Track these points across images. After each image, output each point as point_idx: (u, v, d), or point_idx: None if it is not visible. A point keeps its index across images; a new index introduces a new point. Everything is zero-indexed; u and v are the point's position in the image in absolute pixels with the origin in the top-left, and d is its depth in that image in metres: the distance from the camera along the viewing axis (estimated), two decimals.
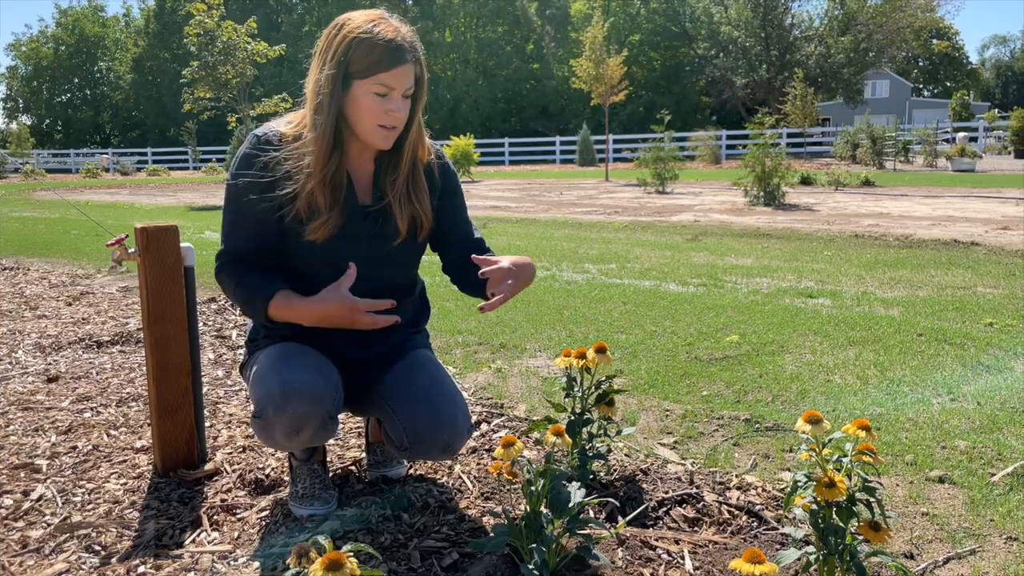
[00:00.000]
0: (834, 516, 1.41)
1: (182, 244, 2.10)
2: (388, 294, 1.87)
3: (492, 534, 1.58)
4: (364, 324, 1.70)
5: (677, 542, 1.74)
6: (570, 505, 1.55)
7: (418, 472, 2.14)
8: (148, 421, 2.55)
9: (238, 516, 1.91)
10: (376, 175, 1.83)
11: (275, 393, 1.69)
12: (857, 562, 1.39)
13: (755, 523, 1.83)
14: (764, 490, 2.01)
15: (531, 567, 1.50)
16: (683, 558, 1.68)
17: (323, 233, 1.76)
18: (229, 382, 3.06)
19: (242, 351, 3.50)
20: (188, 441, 2.16)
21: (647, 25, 47.02)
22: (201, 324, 3.97)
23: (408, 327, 1.99)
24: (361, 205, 1.81)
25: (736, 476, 2.10)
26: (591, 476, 2.01)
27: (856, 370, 3.04)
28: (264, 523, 1.87)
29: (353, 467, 2.20)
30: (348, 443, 2.40)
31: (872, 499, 1.40)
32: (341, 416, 2.29)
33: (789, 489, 1.43)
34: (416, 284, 2.02)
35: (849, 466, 1.41)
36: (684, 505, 1.92)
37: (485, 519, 1.86)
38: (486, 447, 2.34)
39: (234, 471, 2.18)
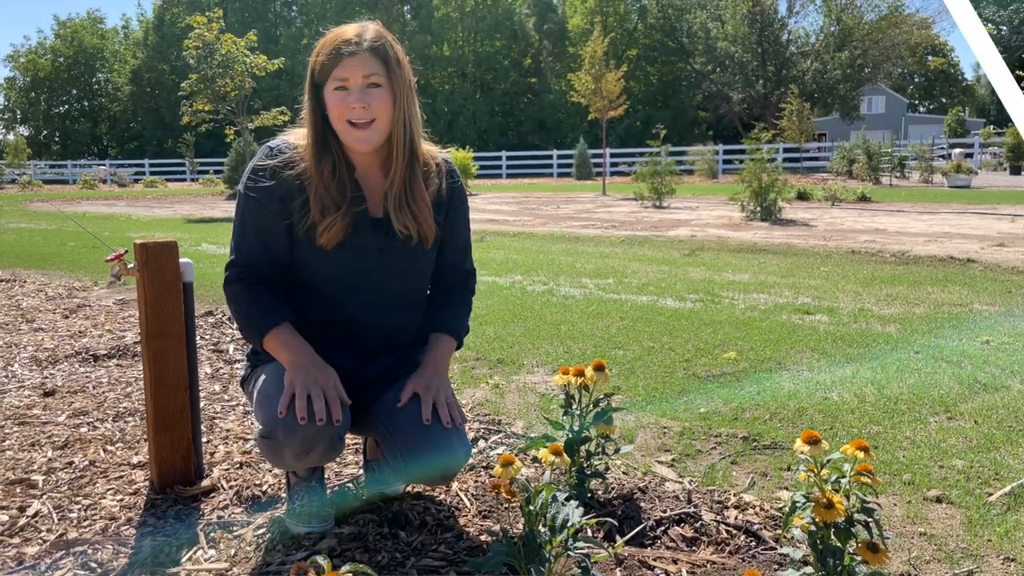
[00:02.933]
0: (832, 537, 1.41)
1: (181, 260, 2.10)
2: (397, 307, 1.89)
3: (490, 553, 1.58)
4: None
5: (675, 562, 1.74)
6: (568, 524, 1.55)
7: (416, 489, 2.14)
8: (145, 436, 2.54)
9: (235, 533, 1.91)
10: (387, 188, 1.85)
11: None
12: None
13: (753, 543, 1.83)
14: (762, 509, 2.01)
15: None
16: None
17: (334, 234, 1.77)
18: (226, 397, 3.05)
19: (240, 365, 3.50)
20: (185, 457, 2.16)
21: (644, 40, 47.27)
22: (198, 338, 3.96)
23: (411, 344, 1.98)
24: (372, 216, 1.83)
25: (734, 495, 2.10)
26: (589, 495, 2.01)
27: (853, 387, 3.05)
28: (261, 541, 1.87)
29: (351, 484, 2.20)
30: (346, 460, 2.39)
31: (870, 520, 1.40)
32: None
33: (788, 509, 1.43)
34: (424, 300, 2.01)
35: (847, 487, 1.42)
36: (682, 524, 1.92)
37: (483, 538, 1.86)
38: (484, 464, 2.33)
39: (231, 487, 2.17)
